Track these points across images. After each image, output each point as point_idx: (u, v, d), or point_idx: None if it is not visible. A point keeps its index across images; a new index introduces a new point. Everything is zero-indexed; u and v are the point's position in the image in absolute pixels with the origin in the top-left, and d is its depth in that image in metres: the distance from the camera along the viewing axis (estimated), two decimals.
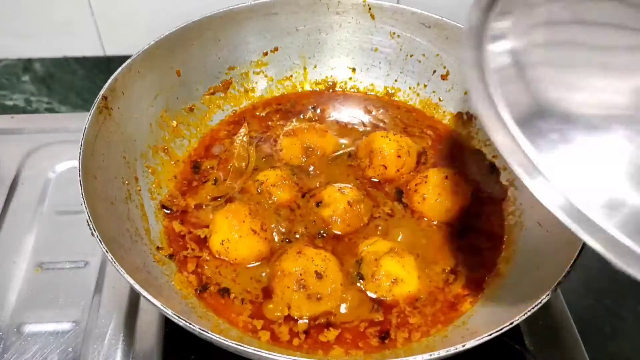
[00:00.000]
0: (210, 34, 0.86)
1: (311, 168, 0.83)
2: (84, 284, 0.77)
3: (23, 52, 1.04)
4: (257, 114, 0.92)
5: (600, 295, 0.84)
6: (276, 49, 0.92)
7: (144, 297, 0.47)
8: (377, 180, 0.82)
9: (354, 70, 0.96)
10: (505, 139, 0.43)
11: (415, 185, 0.79)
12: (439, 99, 0.92)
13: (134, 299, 0.73)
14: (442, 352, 0.46)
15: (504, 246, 0.74)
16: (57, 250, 0.81)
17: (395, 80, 0.94)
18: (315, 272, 0.66)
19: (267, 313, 0.67)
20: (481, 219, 0.77)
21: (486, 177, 0.84)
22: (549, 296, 0.48)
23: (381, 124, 0.91)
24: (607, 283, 0.86)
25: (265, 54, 0.92)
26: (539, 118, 0.44)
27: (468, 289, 0.69)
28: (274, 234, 0.74)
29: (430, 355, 0.46)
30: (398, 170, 0.81)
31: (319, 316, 0.66)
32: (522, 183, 0.42)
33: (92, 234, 0.52)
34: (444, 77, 0.91)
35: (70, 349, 0.70)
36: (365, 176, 0.82)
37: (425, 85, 0.93)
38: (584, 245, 0.53)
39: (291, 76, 0.95)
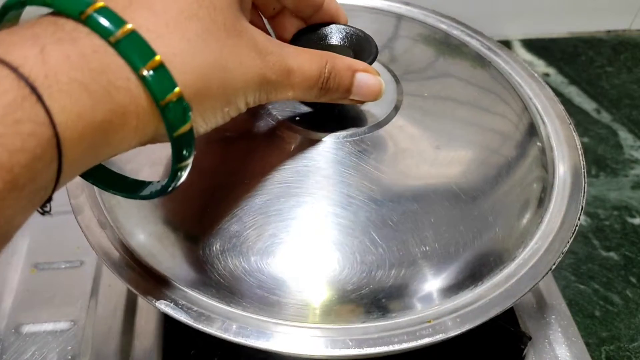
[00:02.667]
0: None
1: None
2: (81, 283, 0.77)
3: None
4: None
5: (590, 280, 0.86)
6: None
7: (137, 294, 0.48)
8: None
9: None
10: None
11: None
12: None
13: (132, 296, 0.73)
14: (438, 335, 0.47)
15: None
16: (52, 250, 0.81)
17: None
18: None
19: None
20: None
21: None
22: (544, 276, 0.49)
23: None
24: (596, 268, 0.88)
25: None
26: None
27: None
28: None
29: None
30: None
31: None
32: None
33: None
34: None
35: (69, 347, 0.71)
36: None
37: None
38: (575, 229, 0.54)
39: None
